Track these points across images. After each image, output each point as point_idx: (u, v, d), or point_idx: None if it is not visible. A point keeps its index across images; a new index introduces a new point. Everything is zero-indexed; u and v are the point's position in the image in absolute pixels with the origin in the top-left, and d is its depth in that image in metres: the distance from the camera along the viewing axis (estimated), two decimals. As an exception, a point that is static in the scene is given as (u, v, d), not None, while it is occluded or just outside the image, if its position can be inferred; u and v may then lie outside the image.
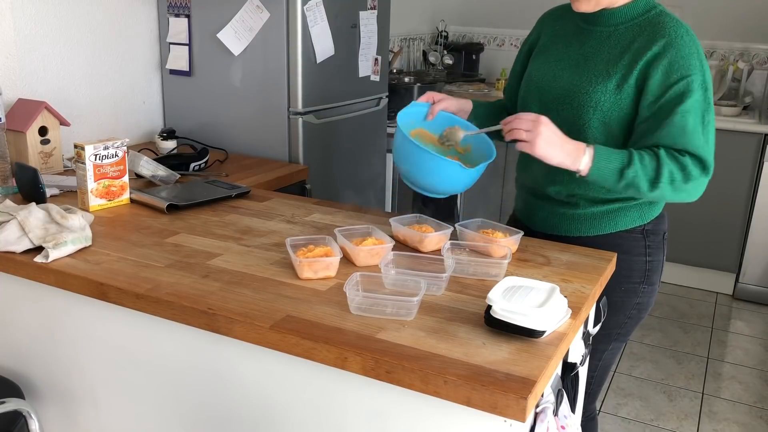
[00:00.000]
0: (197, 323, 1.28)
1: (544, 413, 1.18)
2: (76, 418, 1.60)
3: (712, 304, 3.87)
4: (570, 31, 1.72)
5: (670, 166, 1.50)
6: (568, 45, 1.71)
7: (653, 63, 1.54)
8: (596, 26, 1.66)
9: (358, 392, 1.19)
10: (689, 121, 1.51)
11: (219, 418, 1.37)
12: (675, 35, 1.55)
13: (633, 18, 1.62)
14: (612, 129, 1.59)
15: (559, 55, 1.71)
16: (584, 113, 1.61)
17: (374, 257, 1.45)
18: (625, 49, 1.60)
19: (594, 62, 1.63)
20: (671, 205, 1.75)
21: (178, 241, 1.59)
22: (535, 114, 1.52)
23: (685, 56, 1.53)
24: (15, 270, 1.49)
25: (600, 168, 1.50)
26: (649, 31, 1.58)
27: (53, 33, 2.31)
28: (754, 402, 2.93)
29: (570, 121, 1.62)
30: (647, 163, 1.50)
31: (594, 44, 1.65)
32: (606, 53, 1.62)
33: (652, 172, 1.50)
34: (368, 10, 2.82)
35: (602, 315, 1.55)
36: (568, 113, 1.63)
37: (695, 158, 1.52)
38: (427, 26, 4.69)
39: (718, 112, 3.85)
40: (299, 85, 2.51)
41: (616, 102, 1.57)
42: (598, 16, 1.65)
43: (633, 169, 1.49)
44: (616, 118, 1.59)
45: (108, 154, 1.79)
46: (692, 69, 1.53)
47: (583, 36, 1.68)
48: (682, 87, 1.52)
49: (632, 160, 1.50)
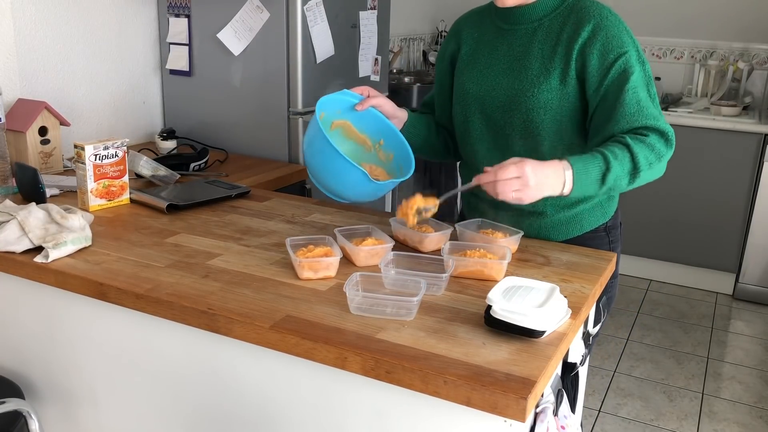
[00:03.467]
0: (197, 323, 1.28)
1: (544, 413, 1.18)
2: (76, 418, 1.60)
3: (712, 304, 3.87)
4: (491, 35, 1.67)
5: (643, 152, 1.45)
6: (494, 49, 1.65)
7: (586, 48, 1.53)
8: (519, 25, 1.61)
9: (358, 392, 1.19)
10: (639, 96, 1.50)
11: (219, 418, 1.37)
12: (600, 17, 1.54)
13: (553, 9, 1.59)
14: (564, 125, 1.57)
15: (489, 62, 1.65)
16: (535, 116, 1.57)
17: (374, 257, 1.45)
18: (556, 42, 1.56)
19: (528, 61, 1.59)
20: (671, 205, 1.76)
21: (178, 241, 1.59)
22: (512, 160, 1.40)
23: (615, 35, 1.52)
24: (15, 270, 1.49)
25: (581, 183, 1.43)
26: (574, 18, 1.56)
27: (53, 33, 2.31)
28: (754, 402, 2.93)
29: (521, 127, 1.59)
30: (621, 158, 1.45)
31: (522, 43, 1.61)
32: (537, 50, 1.58)
33: (629, 164, 1.45)
34: (368, 10, 2.82)
35: (602, 315, 1.55)
36: (516, 119, 1.59)
37: (656, 132, 1.48)
38: (427, 26, 4.69)
39: (718, 112, 3.85)
40: (299, 85, 2.51)
41: (563, 97, 1.55)
42: (517, 15, 1.61)
43: (612, 171, 1.43)
44: (567, 114, 1.56)
45: (108, 154, 1.79)
46: (626, 46, 1.52)
47: (508, 37, 1.63)
48: (621, 65, 1.50)
49: (608, 161, 1.43)
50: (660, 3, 4.37)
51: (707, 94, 4.25)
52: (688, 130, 3.79)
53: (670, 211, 3.94)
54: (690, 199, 3.89)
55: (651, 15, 4.39)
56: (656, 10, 4.37)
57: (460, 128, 1.74)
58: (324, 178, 1.52)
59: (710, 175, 3.84)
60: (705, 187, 3.86)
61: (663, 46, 4.43)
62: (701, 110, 3.98)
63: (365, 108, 1.63)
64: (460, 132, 1.74)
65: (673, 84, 4.44)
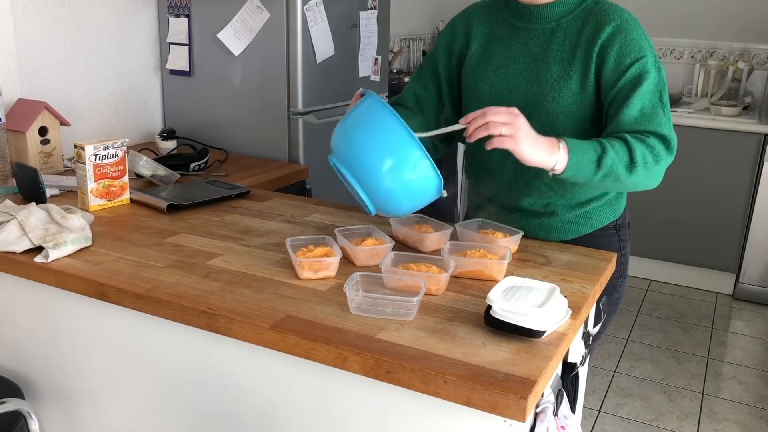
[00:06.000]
0: (197, 323, 1.28)
1: (544, 413, 1.17)
2: (76, 418, 1.60)
3: (712, 304, 3.87)
4: (504, 32, 1.62)
5: (641, 148, 1.44)
6: (509, 48, 1.61)
7: (605, 49, 1.51)
8: (536, 24, 1.58)
9: (358, 392, 1.19)
10: (650, 101, 1.49)
11: (219, 418, 1.37)
12: (621, 20, 1.53)
13: (572, 10, 1.56)
14: (585, 128, 1.56)
15: (503, 62, 1.61)
16: (555, 121, 1.55)
17: (374, 257, 1.45)
18: (576, 44, 1.54)
19: (547, 64, 1.55)
20: (671, 205, 1.76)
21: (178, 241, 1.59)
22: (506, 107, 1.37)
23: (635, 39, 1.51)
24: (15, 270, 1.49)
25: (577, 162, 1.40)
26: (593, 20, 1.54)
27: (53, 33, 2.31)
28: (754, 402, 2.93)
29: (540, 131, 1.54)
30: (619, 149, 1.43)
31: (539, 44, 1.57)
32: (556, 52, 1.55)
33: (626, 156, 1.43)
34: (368, 10, 2.82)
35: (602, 315, 1.55)
36: (536, 124, 1.54)
37: (659, 138, 1.48)
38: (427, 26, 4.69)
39: (718, 112, 3.85)
40: (299, 85, 2.51)
41: (584, 100, 1.54)
42: (535, 14, 1.58)
43: (609, 156, 1.41)
44: (588, 117, 1.56)
45: (108, 154, 1.79)
46: (644, 50, 1.51)
47: (523, 36, 1.59)
48: (638, 69, 1.49)
49: (605, 147, 1.42)
50: (660, 3, 4.37)
51: (707, 94, 4.25)
52: (688, 130, 3.79)
53: (670, 211, 3.93)
54: (690, 199, 3.89)
55: (651, 15, 4.38)
56: (656, 10, 4.37)
57: None
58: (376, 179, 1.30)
59: (710, 175, 3.84)
60: (705, 187, 3.86)
61: (663, 46, 4.43)
62: (701, 110, 3.98)
63: None
64: None
65: (673, 84, 4.44)
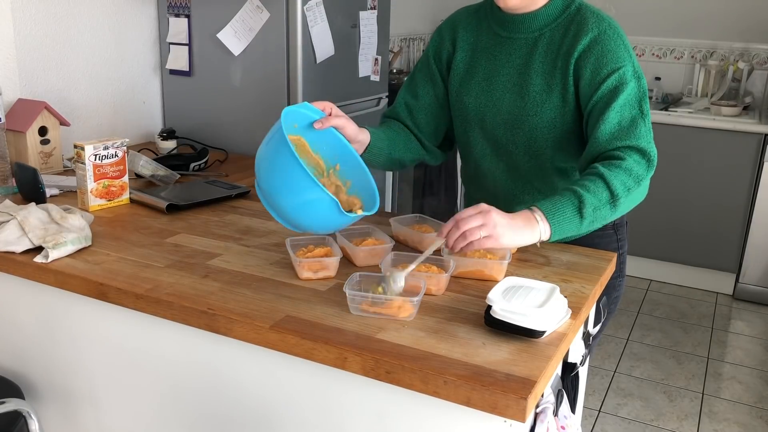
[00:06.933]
0: (197, 323, 1.28)
1: (544, 413, 1.17)
2: (76, 418, 1.60)
3: (712, 304, 3.87)
4: (489, 42, 1.61)
5: (618, 178, 1.39)
6: (493, 58, 1.59)
7: (581, 62, 1.48)
8: (519, 34, 1.56)
9: (358, 392, 1.19)
10: (629, 113, 1.45)
11: (218, 418, 1.37)
12: (599, 30, 1.49)
13: (555, 18, 1.53)
14: (571, 141, 1.55)
15: (488, 74, 1.59)
16: (539, 135, 1.54)
17: (374, 257, 1.45)
18: (557, 55, 1.51)
19: (530, 77, 1.54)
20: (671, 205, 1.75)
21: (178, 241, 1.59)
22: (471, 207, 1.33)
23: (612, 49, 1.47)
24: (15, 270, 1.49)
25: (558, 223, 1.35)
26: (574, 29, 1.51)
27: (53, 33, 2.31)
28: (755, 402, 2.93)
29: (525, 144, 1.56)
30: (595, 189, 1.37)
31: (521, 54, 1.55)
32: (539, 64, 1.53)
33: (605, 193, 1.38)
34: (368, 10, 2.82)
35: (602, 315, 1.55)
36: (520, 138, 1.54)
37: (636, 152, 1.43)
38: (427, 26, 4.69)
39: (718, 112, 3.85)
40: (299, 85, 2.51)
41: (566, 114, 1.52)
42: (518, 23, 1.55)
43: (587, 203, 1.36)
44: (572, 129, 1.54)
45: (108, 154, 1.79)
46: (621, 60, 1.47)
47: (507, 46, 1.57)
48: (614, 81, 1.46)
49: (579, 195, 1.36)
50: (660, 3, 4.37)
51: (707, 94, 4.25)
52: (688, 130, 3.79)
53: (670, 211, 3.93)
54: (690, 199, 3.89)
55: (651, 15, 4.39)
56: (656, 10, 4.37)
57: (461, 140, 1.71)
58: (279, 200, 1.34)
59: (710, 175, 3.84)
60: (705, 187, 3.86)
61: (663, 46, 4.43)
62: (701, 110, 3.99)
63: (325, 127, 1.47)
64: (462, 143, 1.72)
65: (673, 84, 4.44)
